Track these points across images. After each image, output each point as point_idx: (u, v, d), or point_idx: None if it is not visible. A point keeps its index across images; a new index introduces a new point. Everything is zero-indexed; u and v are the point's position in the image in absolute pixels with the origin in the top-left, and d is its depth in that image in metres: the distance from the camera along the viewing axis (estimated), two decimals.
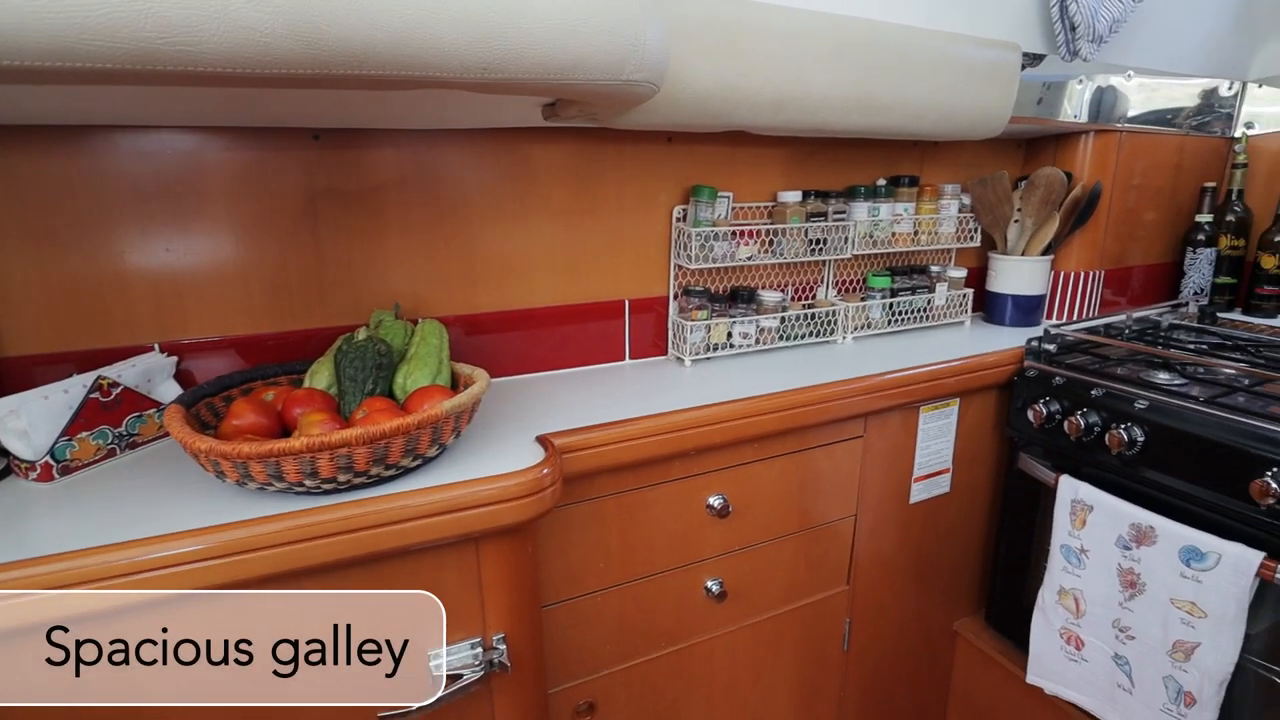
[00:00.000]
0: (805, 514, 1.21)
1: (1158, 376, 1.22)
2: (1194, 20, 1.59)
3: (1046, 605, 1.28)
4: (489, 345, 1.20)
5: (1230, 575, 1.02)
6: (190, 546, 0.67)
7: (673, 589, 1.11)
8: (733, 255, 1.26)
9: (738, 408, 1.06)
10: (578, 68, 0.71)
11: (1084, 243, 1.60)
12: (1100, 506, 1.17)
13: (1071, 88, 1.49)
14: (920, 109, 1.18)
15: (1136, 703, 1.17)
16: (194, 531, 0.69)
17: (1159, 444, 1.13)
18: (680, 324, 1.27)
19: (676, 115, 0.99)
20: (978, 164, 1.62)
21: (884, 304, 1.45)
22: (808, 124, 1.10)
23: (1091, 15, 1.27)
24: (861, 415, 1.20)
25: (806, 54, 1.04)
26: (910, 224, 1.44)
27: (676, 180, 1.27)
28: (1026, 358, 1.36)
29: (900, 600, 1.42)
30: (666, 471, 1.05)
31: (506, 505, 0.82)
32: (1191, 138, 1.73)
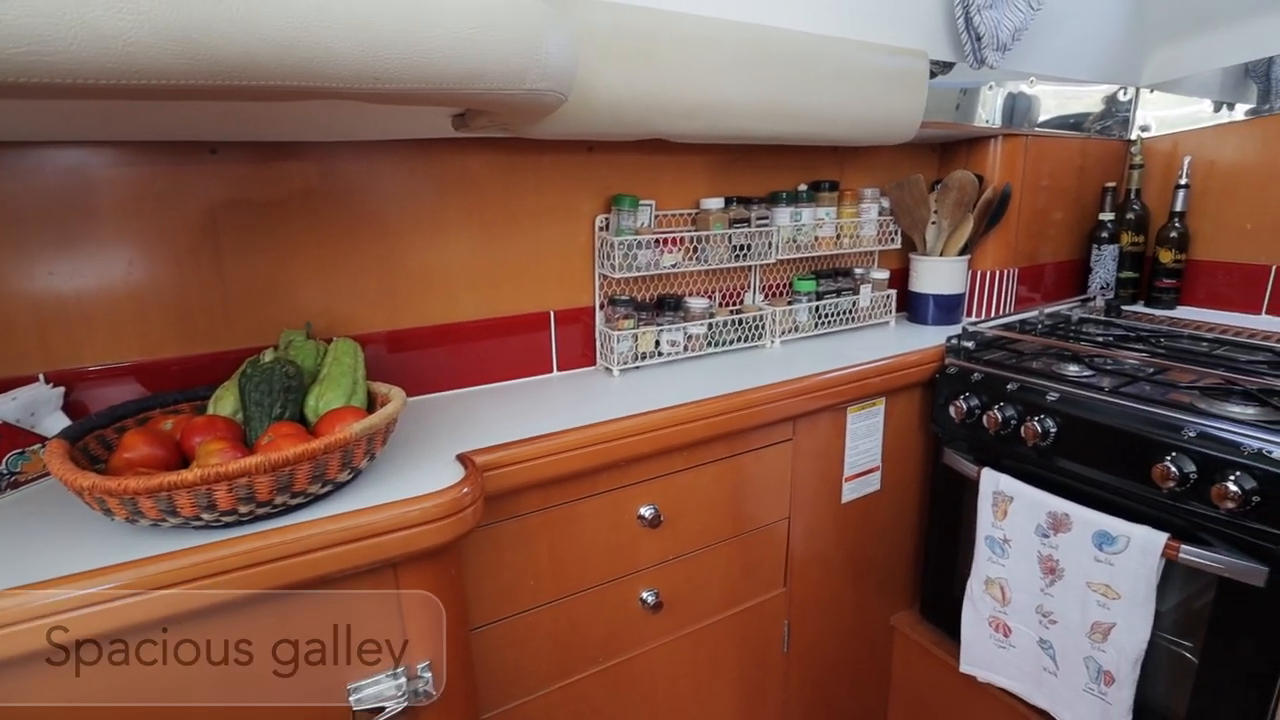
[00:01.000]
0: (739, 519, 1.21)
1: (1068, 369, 1.27)
2: (1090, 29, 1.68)
3: (975, 595, 1.32)
4: (411, 362, 1.17)
5: (1139, 557, 1.06)
6: (66, 594, 0.63)
7: (608, 602, 1.10)
8: (657, 263, 1.26)
9: (665, 416, 1.05)
10: (478, 77, 0.69)
11: (998, 242, 1.66)
12: (1019, 497, 1.21)
13: (985, 94, 1.55)
14: (834, 115, 1.21)
15: (1061, 684, 1.21)
16: (71, 577, 0.64)
17: (1070, 434, 1.17)
18: (607, 334, 1.26)
19: (591, 124, 0.98)
20: (895, 168, 1.67)
21: (810, 307, 1.47)
22: (724, 130, 1.11)
23: (995, 25, 1.32)
24: (790, 418, 1.22)
25: (719, 62, 1.05)
26: (832, 228, 1.47)
27: (598, 189, 1.26)
28: (947, 355, 1.40)
29: (837, 599, 1.43)
30: (595, 484, 1.03)
31: (425, 528, 0.79)
32: (1093, 140, 1.82)
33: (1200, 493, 1.01)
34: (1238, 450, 0.98)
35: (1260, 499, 0.95)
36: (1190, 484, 1.02)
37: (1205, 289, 1.76)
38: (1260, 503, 0.95)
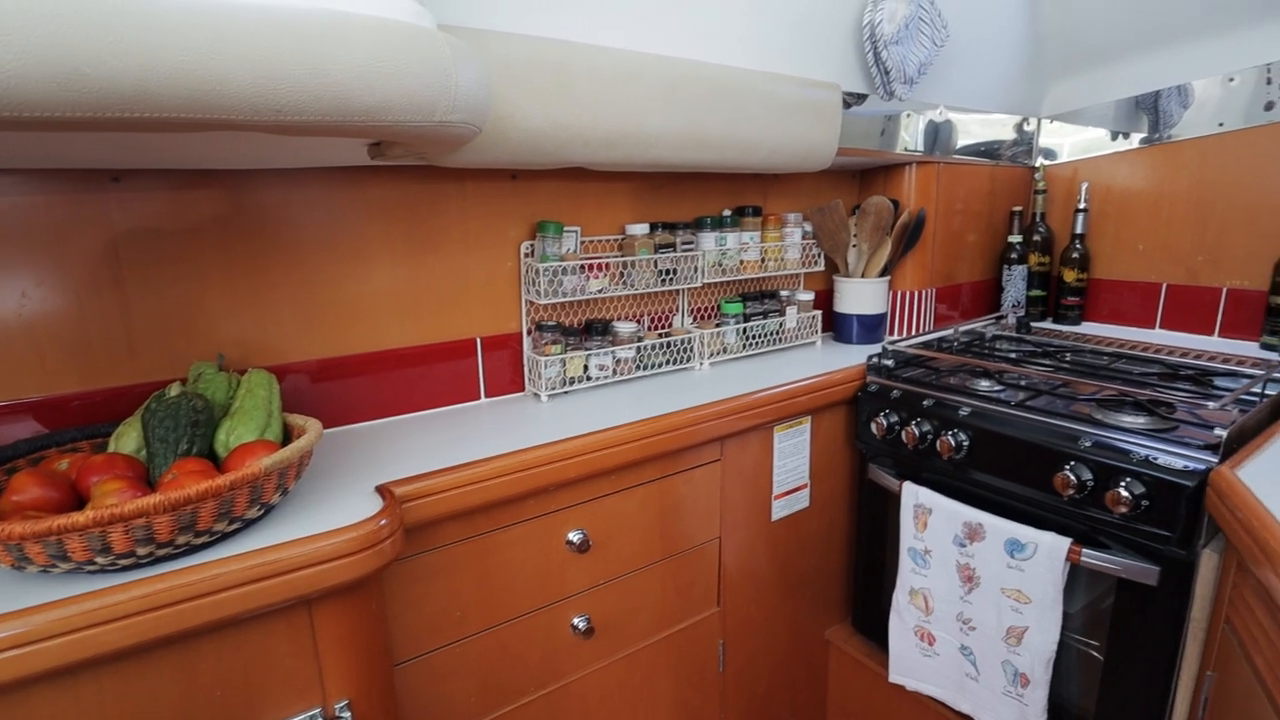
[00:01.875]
0: (669, 541, 1.22)
1: (980, 384, 1.34)
2: (993, 65, 1.78)
3: (900, 606, 1.36)
4: (333, 393, 1.15)
5: (1046, 562, 1.12)
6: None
7: (538, 630, 1.09)
8: (584, 289, 1.27)
9: (592, 441, 1.06)
10: (385, 110, 0.70)
11: (916, 264, 1.74)
12: (938, 509, 1.26)
13: (905, 121, 1.64)
14: (752, 144, 1.25)
15: (982, 689, 1.25)
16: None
17: (981, 447, 1.23)
18: (535, 359, 1.26)
19: (509, 153, 0.99)
20: (817, 193, 1.73)
21: (738, 329, 1.50)
22: (644, 160, 1.14)
23: (901, 59, 1.39)
24: (718, 439, 1.24)
25: (638, 94, 1.07)
26: (757, 252, 1.51)
27: (523, 216, 1.27)
28: (868, 374, 1.45)
29: (771, 616, 1.45)
30: (521, 511, 1.03)
31: (340, 562, 0.78)
32: (1001, 167, 1.92)
33: (1097, 499, 1.07)
34: (1128, 458, 1.05)
35: (1149, 503, 1.02)
36: (1088, 491, 1.08)
37: (1106, 305, 1.88)
38: (1149, 506, 1.02)
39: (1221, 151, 1.65)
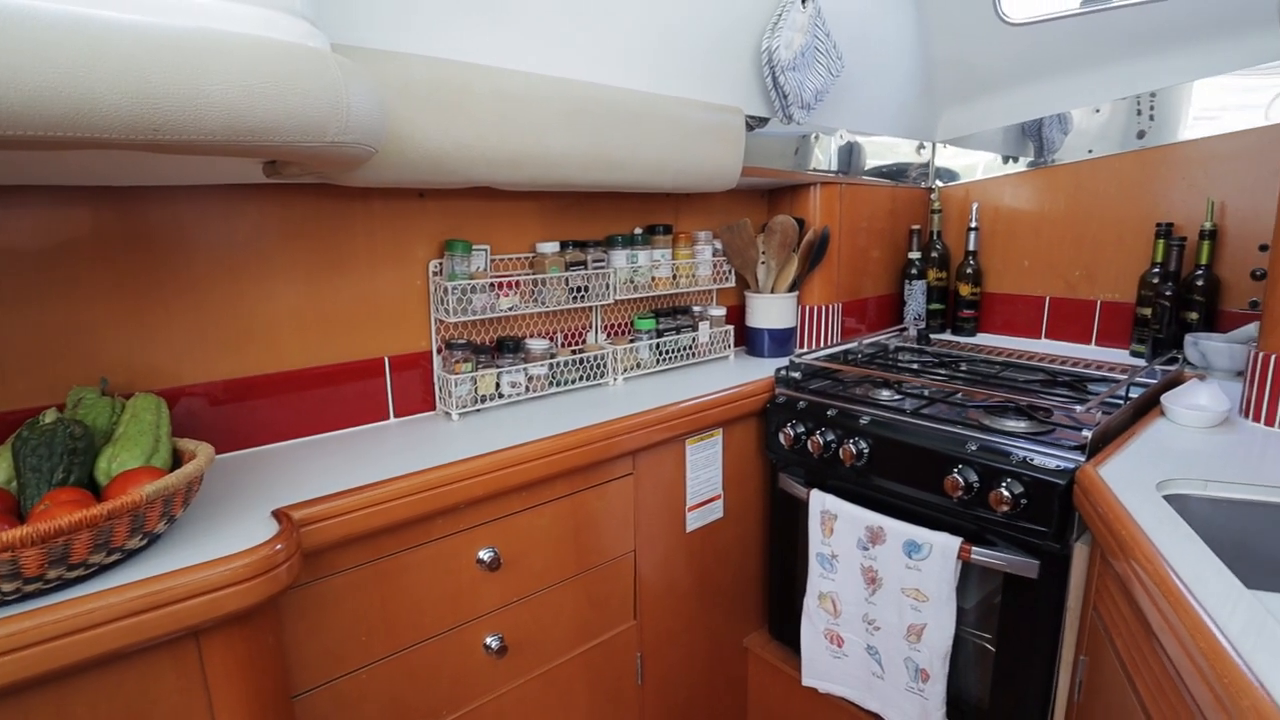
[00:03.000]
0: (583, 556, 1.23)
1: (881, 394, 1.40)
2: (889, 92, 1.89)
3: (810, 610, 1.40)
4: (232, 416, 1.11)
5: (940, 561, 1.18)
6: None
7: (449, 652, 1.07)
8: (494, 306, 1.27)
9: (500, 458, 1.06)
10: (273, 130, 0.69)
11: (823, 279, 1.81)
12: (843, 515, 1.31)
13: (819, 144, 1.73)
14: (657, 166, 1.29)
15: (888, 686, 1.31)
16: None
17: (881, 453, 1.29)
18: (446, 378, 1.25)
19: (411, 173, 0.99)
20: (728, 212, 1.79)
21: (651, 344, 1.53)
22: (551, 180, 1.16)
23: (799, 85, 1.46)
24: (630, 453, 1.26)
25: (542, 116, 1.09)
26: (669, 269, 1.55)
27: (432, 235, 1.26)
28: (776, 386, 1.50)
29: (689, 626, 1.47)
30: (429, 531, 1.02)
31: (230, 591, 0.75)
32: (901, 188, 2.03)
33: (983, 499, 1.14)
34: (1008, 459, 1.12)
35: (1027, 501, 1.09)
36: (975, 492, 1.15)
37: (999, 317, 2.00)
38: (1027, 505, 1.09)
39: (1093, 176, 1.79)
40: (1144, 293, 1.66)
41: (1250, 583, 0.84)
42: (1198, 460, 1.03)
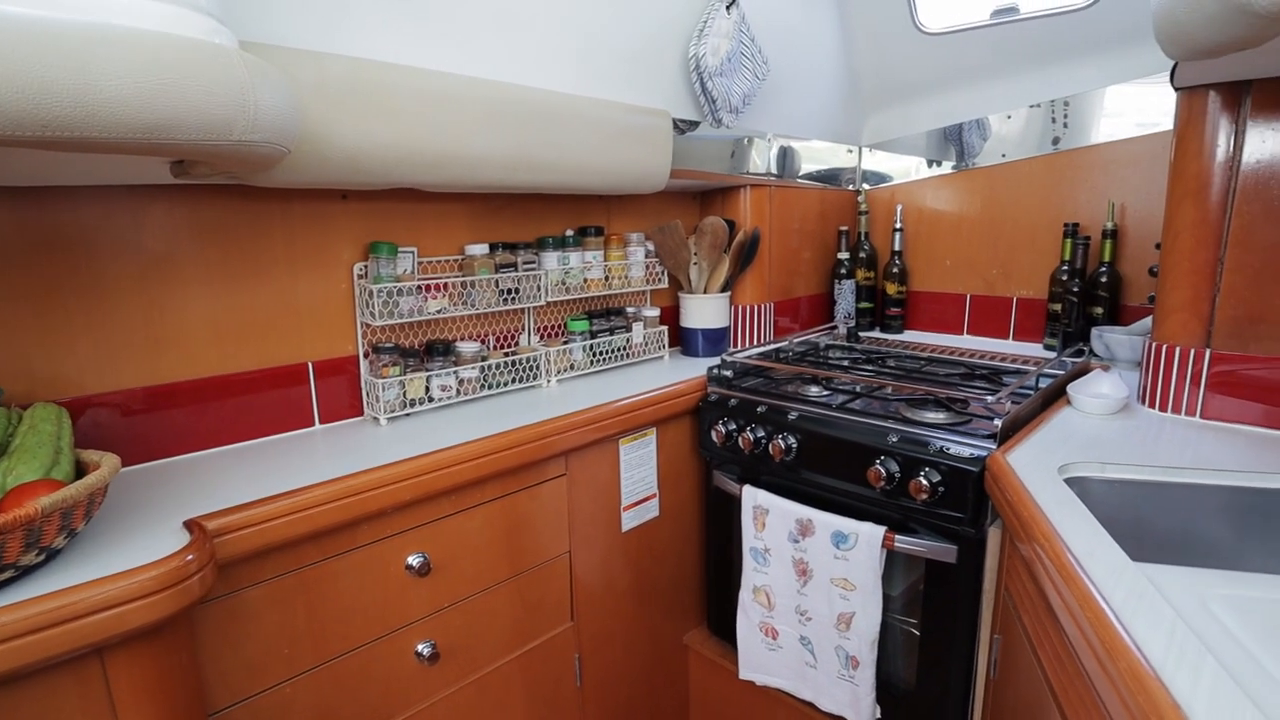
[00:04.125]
0: (517, 558, 1.22)
1: (810, 390, 1.44)
2: (816, 97, 1.95)
3: (746, 604, 1.43)
4: (144, 426, 1.06)
5: (866, 550, 1.21)
6: None
7: (379, 661, 1.05)
8: (422, 309, 1.26)
9: (427, 461, 1.05)
10: (173, 128, 0.67)
11: (755, 279, 1.85)
12: (774, 509, 1.34)
13: (757, 147, 1.77)
14: (584, 167, 1.29)
15: (821, 675, 1.34)
16: None
17: (809, 448, 1.32)
18: (373, 382, 1.23)
19: (330, 173, 0.98)
20: (660, 214, 1.81)
21: (585, 346, 1.54)
22: (474, 181, 1.15)
23: (726, 90, 1.49)
24: (562, 453, 1.26)
25: (463, 116, 1.09)
26: (601, 270, 1.55)
27: (356, 237, 1.24)
28: (709, 384, 1.52)
29: (628, 626, 1.48)
30: (354, 538, 1.00)
31: (136, 605, 0.72)
32: (830, 190, 2.09)
33: (904, 488, 1.18)
34: (927, 449, 1.17)
35: (945, 489, 1.14)
36: (896, 482, 1.19)
37: (925, 315, 2.08)
38: (945, 492, 1.14)
39: (1007, 179, 1.88)
40: (1054, 289, 1.75)
41: (1140, 556, 0.90)
42: (1097, 445, 1.09)
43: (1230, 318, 1.17)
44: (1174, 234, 1.22)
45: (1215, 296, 1.18)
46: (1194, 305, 1.20)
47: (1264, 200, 1.11)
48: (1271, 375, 1.13)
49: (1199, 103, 1.16)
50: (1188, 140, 1.19)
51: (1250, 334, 1.15)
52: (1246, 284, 1.15)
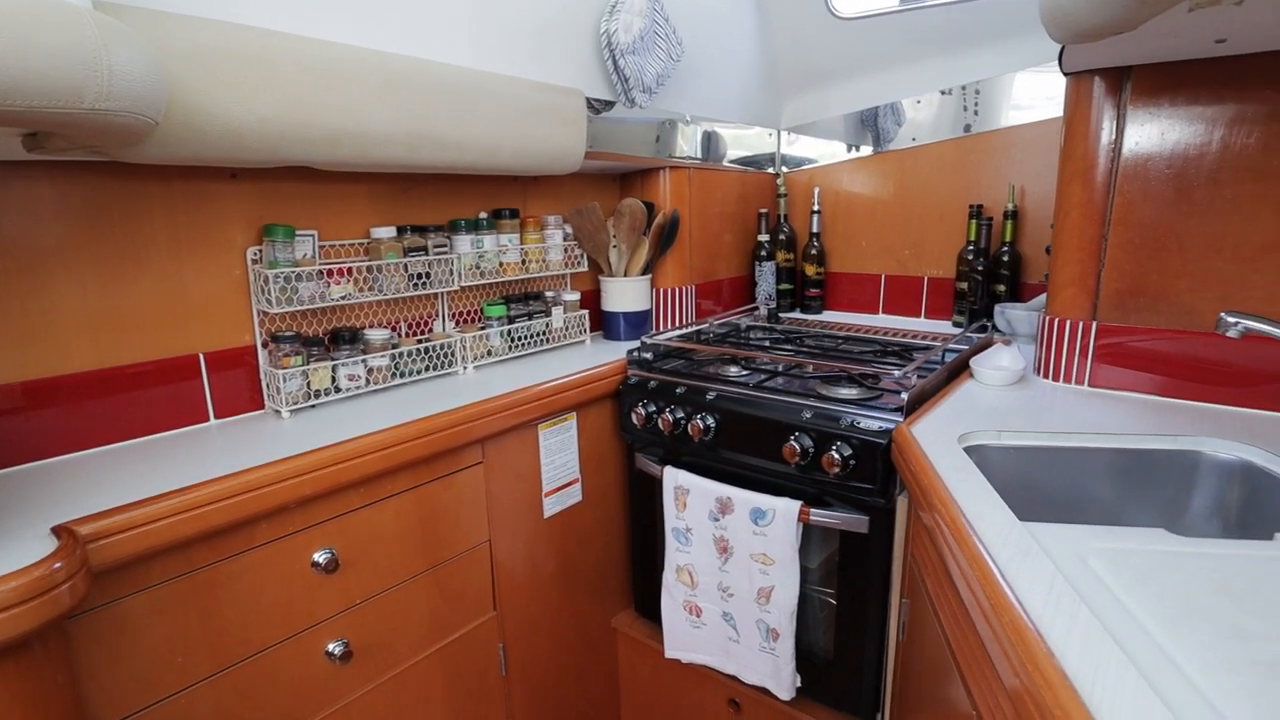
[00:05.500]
0: (433, 550, 1.19)
1: (730, 370, 1.45)
2: (733, 80, 1.95)
3: (669, 584, 1.44)
4: (6, 427, 0.98)
5: (783, 524, 1.24)
6: None
7: (286, 664, 1.01)
8: (325, 295, 1.20)
9: (331, 453, 1.00)
10: (12, 94, 0.61)
11: (676, 262, 1.85)
12: (694, 489, 1.35)
13: (673, 132, 1.77)
14: (492, 146, 1.26)
15: (743, 649, 1.36)
16: None
17: (727, 427, 1.34)
18: (273, 373, 1.17)
19: (212, 149, 0.91)
20: (579, 196, 1.78)
21: (503, 331, 1.51)
22: (374, 159, 1.10)
23: (639, 70, 1.48)
24: (477, 441, 1.23)
25: (357, 90, 1.04)
26: (518, 254, 1.52)
27: (249, 219, 1.17)
28: (629, 367, 1.52)
29: (553, 613, 1.47)
30: (252, 537, 0.95)
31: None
32: (750, 173, 2.11)
33: (817, 463, 1.20)
34: (838, 424, 1.19)
35: (855, 462, 1.17)
36: (810, 457, 1.21)
37: (843, 295, 2.13)
38: (856, 465, 1.17)
39: (916, 162, 1.94)
40: (961, 268, 1.81)
41: (1032, 517, 0.95)
42: (995, 414, 1.13)
43: (1114, 291, 1.24)
44: (1064, 213, 1.28)
45: (1100, 272, 1.24)
46: (1082, 280, 1.27)
47: (1142, 181, 1.18)
48: (1150, 345, 1.21)
49: (1085, 87, 1.22)
50: (1075, 124, 1.24)
51: (1131, 306, 1.22)
52: (1128, 259, 1.21)
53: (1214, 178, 1.12)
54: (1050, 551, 0.69)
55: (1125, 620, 0.58)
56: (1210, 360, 1.16)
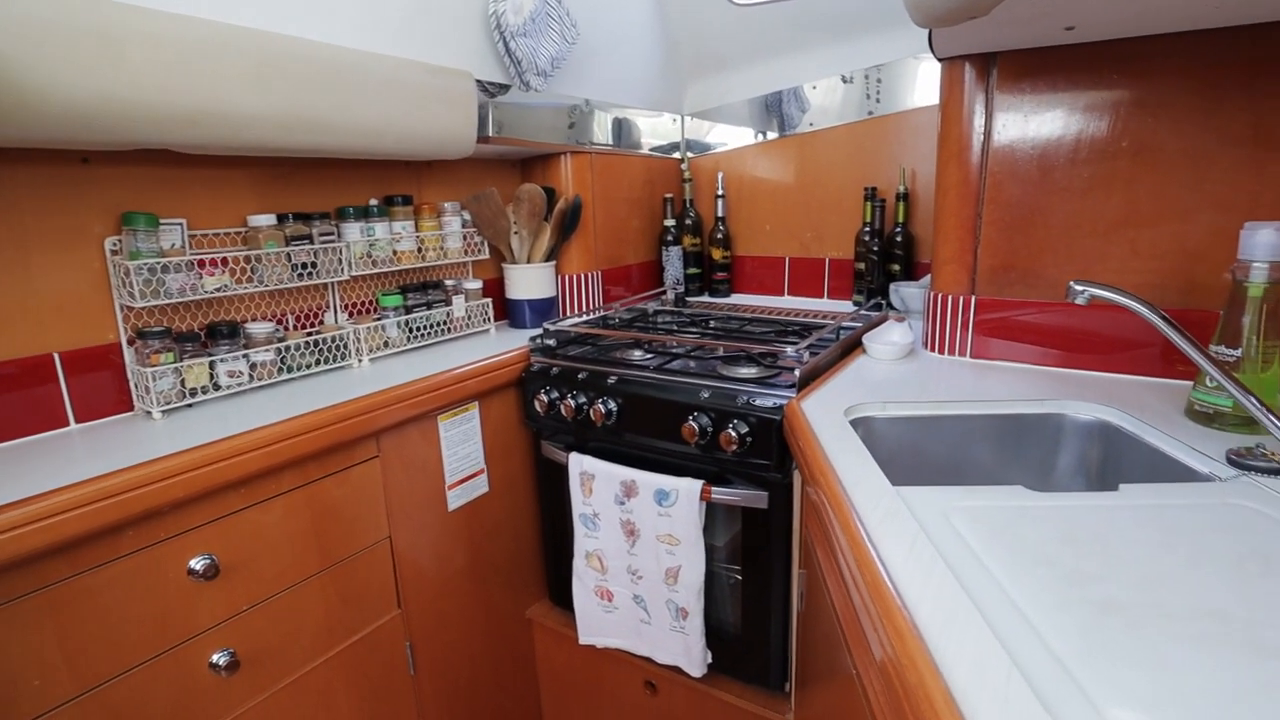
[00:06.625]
0: (328, 549, 1.14)
1: (634, 355, 1.45)
2: (634, 63, 1.95)
3: (580, 570, 1.43)
4: None
5: (686, 504, 1.25)
6: None
7: (163, 679, 0.95)
8: (198, 288, 1.13)
9: (206, 453, 0.95)
10: None
11: (580, 248, 1.84)
12: (599, 473, 1.35)
13: (586, 117, 1.77)
14: (377, 130, 1.21)
15: (655, 630, 1.37)
16: None
17: (629, 410, 1.34)
18: (141, 371, 1.09)
19: (51, 130, 0.84)
20: (478, 182, 1.74)
21: (400, 322, 1.46)
22: (243, 142, 1.04)
23: (532, 52, 1.45)
24: (372, 434, 1.19)
25: (219, 68, 0.98)
26: (413, 242, 1.48)
27: (106, 207, 1.09)
28: (532, 354, 1.50)
29: (463, 607, 1.44)
30: (116, 546, 0.89)
31: None
32: (655, 159, 2.12)
33: (716, 442, 1.22)
34: (735, 402, 1.21)
35: (752, 439, 1.19)
36: (709, 436, 1.23)
37: (749, 278, 2.17)
38: (753, 442, 1.19)
39: (816, 146, 1.99)
40: (859, 250, 1.88)
41: (914, 482, 0.99)
42: (883, 387, 1.18)
43: (989, 267, 1.30)
44: (943, 192, 1.34)
45: (976, 249, 1.31)
46: (961, 257, 1.33)
47: (1009, 162, 1.25)
48: (1022, 317, 1.28)
49: (957, 72, 1.28)
50: (950, 108, 1.30)
51: (1004, 281, 1.29)
52: (1000, 237, 1.28)
53: (1072, 158, 1.19)
54: (917, 512, 0.72)
55: (978, 572, 0.61)
56: (1075, 330, 1.24)
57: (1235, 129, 1.06)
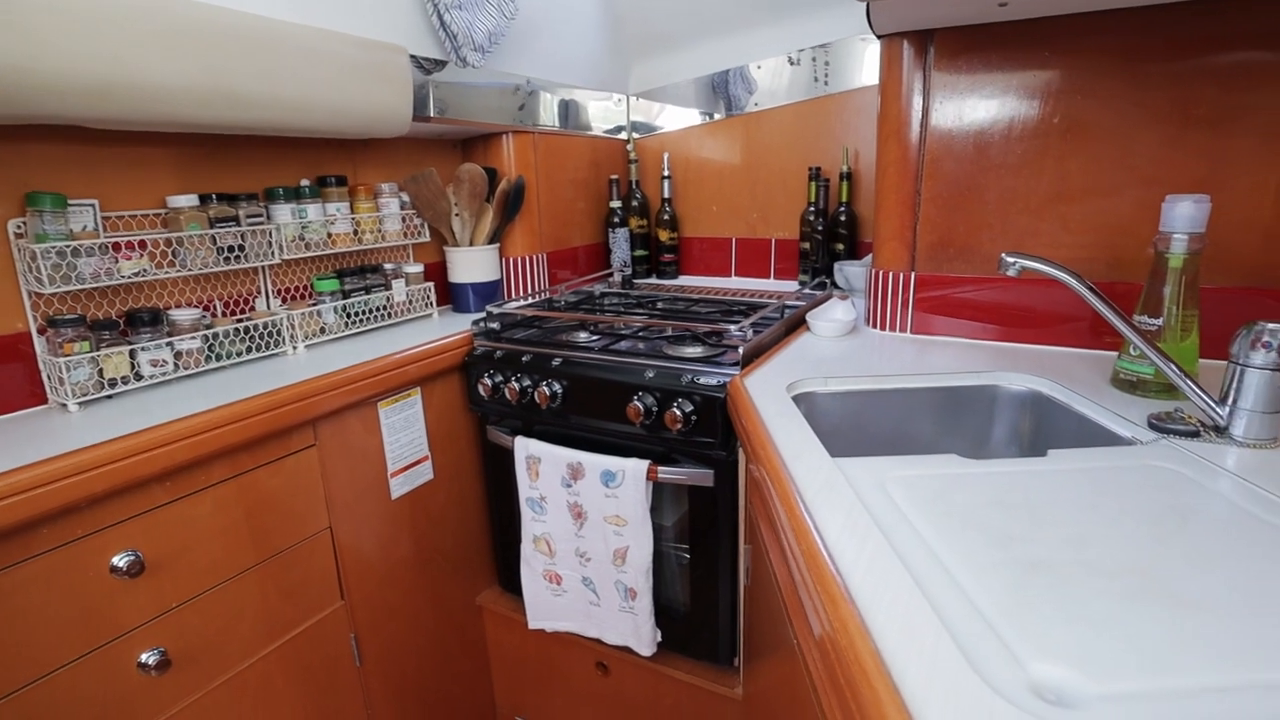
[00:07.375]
0: (264, 542, 1.11)
1: (579, 336, 1.44)
2: (575, 41, 1.92)
3: (528, 555, 1.42)
4: None
5: (633, 485, 1.25)
6: None
7: (87, 681, 0.90)
8: (113, 272, 1.07)
9: (126, 445, 0.90)
10: None
11: (524, 230, 1.81)
12: (545, 457, 1.33)
13: (533, 98, 1.75)
14: (304, 105, 1.16)
15: (604, 612, 1.37)
16: None
17: (574, 392, 1.33)
18: (53, 362, 1.03)
19: None
20: (417, 162, 1.69)
21: (337, 307, 1.41)
22: (156, 116, 0.99)
23: (468, 26, 1.41)
24: (307, 422, 1.15)
25: (129, 36, 0.92)
26: (349, 224, 1.43)
27: (7, 187, 1.02)
28: (475, 338, 1.47)
29: (410, 596, 1.42)
30: (29, 545, 0.84)
31: None
32: (600, 139, 2.09)
33: (661, 421, 1.22)
34: (680, 381, 1.21)
35: (697, 418, 1.19)
36: (654, 416, 1.23)
37: (696, 259, 2.17)
38: (697, 421, 1.19)
39: (760, 127, 1.99)
40: (804, 229, 1.89)
41: (850, 453, 1.00)
42: (826, 363, 1.19)
43: (928, 243, 1.33)
44: (883, 169, 1.35)
45: (916, 225, 1.33)
46: (901, 234, 1.35)
47: (946, 139, 1.27)
48: (960, 293, 1.31)
49: (895, 49, 1.29)
50: (889, 85, 1.31)
51: (942, 256, 1.32)
52: (938, 212, 1.30)
53: (1006, 134, 1.22)
54: (855, 483, 0.73)
55: (911, 538, 0.62)
56: (1011, 304, 1.27)
57: (1159, 106, 1.10)
